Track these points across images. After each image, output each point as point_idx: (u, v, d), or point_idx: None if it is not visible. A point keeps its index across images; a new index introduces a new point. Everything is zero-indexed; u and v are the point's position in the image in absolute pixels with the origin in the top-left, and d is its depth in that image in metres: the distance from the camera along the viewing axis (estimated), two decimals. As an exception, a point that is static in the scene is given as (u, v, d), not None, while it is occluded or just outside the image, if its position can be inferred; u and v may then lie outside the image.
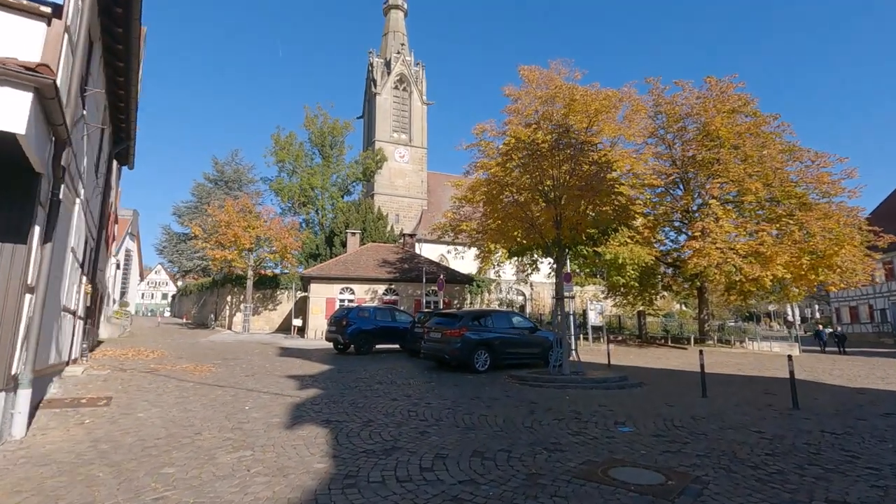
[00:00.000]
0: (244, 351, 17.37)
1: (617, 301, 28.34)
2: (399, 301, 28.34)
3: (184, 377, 9.93)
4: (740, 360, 18.10)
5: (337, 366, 12.95)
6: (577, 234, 11.53)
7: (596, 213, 11.29)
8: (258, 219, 30.04)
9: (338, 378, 10.47)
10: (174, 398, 7.61)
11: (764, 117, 21.08)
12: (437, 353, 12.36)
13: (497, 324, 12.98)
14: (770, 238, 19.33)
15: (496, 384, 10.17)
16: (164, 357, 14.45)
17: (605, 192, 10.88)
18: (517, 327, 13.27)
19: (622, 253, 19.56)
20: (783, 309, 70.46)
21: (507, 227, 12.21)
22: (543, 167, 11.37)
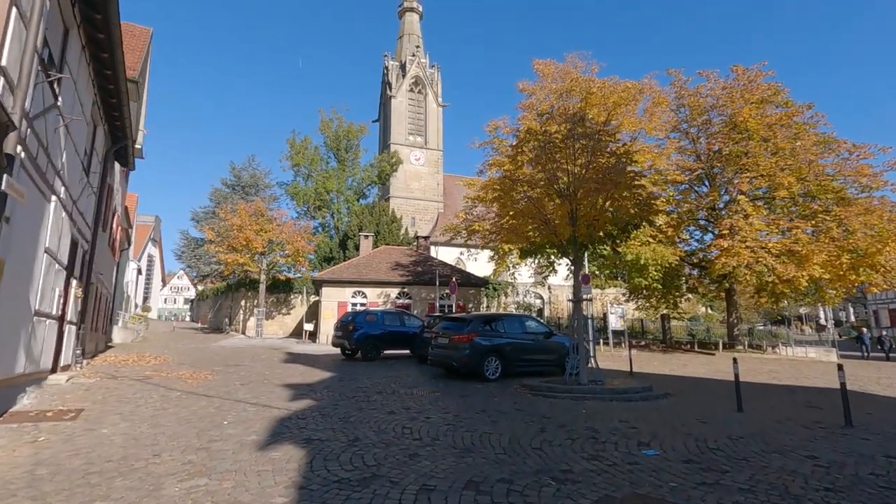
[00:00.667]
0: (251, 356, 16.88)
1: (639, 304, 27.12)
2: (412, 305, 27.65)
3: (173, 385, 9.37)
4: (774, 367, 16.84)
5: (340, 373, 12.29)
6: (595, 232, 10.62)
7: (615, 208, 10.39)
8: (270, 222, 29.76)
9: (336, 387, 9.79)
10: (151, 410, 7.01)
11: (796, 107, 19.74)
12: (445, 359, 11.59)
13: (509, 328, 12.15)
14: (805, 236, 18.01)
15: (506, 395, 9.35)
16: (165, 363, 14.01)
17: (625, 184, 9.98)
18: (531, 332, 12.41)
19: (644, 253, 18.49)
20: (815, 312, 67.57)
21: (519, 224, 11.38)
22: (557, 160, 10.53)
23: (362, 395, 8.87)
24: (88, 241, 11.22)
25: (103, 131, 11.55)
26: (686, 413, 7.82)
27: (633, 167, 10.89)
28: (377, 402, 8.13)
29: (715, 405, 8.79)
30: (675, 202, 21.50)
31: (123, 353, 17.10)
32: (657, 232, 19.59)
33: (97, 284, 13.80)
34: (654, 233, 19.48)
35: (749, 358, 19.54)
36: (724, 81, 20.50)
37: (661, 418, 7.28)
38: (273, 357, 16.61)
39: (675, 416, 7.45)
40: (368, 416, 6.94)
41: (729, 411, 8.08)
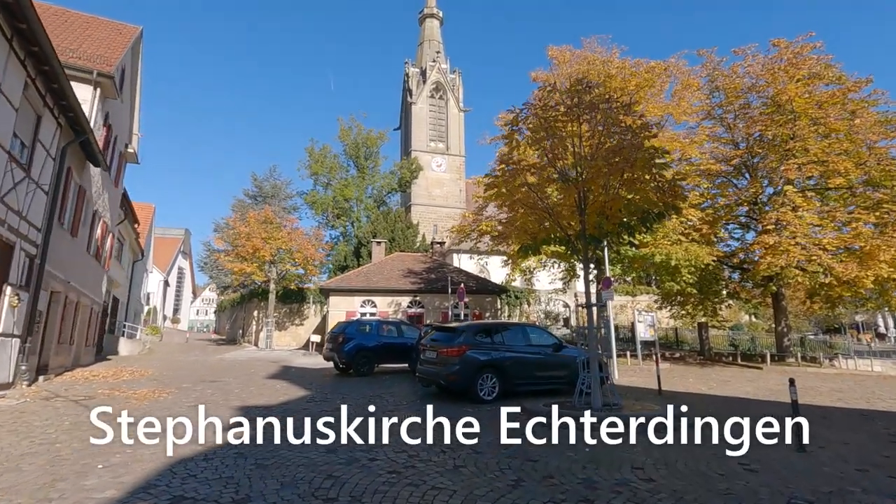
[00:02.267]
0: (239, 371, 15.64)
1: (673, 311, 24.66)
2: (425, 314, 26.06)
3: (113, 407, 8.00)
4: (836, 384, 14.30)
5: (319, 392, 10.76)
6: (608, 223, 8.76)
7: (630, 191, 8.51)
8: (279, 229, 28.84)
9: (300, 411, 8.25)
10: (36, 445, 5.63)
11: (851, 83, 17.18)
12: (433, 377, 9.88)
13: (509, 340, 10.35)
14: (867, 230, 15.43)
15: (496, 422, 7.56)
16: (137, 379, 12.90)
17: (642, 162, 8.10)
18: (536, 344, 10.55)
19: (675, 253, 16.29)
20: (873, 319, 61.99)
21: (519, 217, 9.63)
22: (559, 136, 8.76)
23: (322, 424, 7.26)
24: (36, 245, 10.10)
25: (56, 123, 10.49)
26: (727, 454, 5.84)
27: (653, 140, 8.96)
28: (328, 436, 6.49)
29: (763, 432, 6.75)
30: (711, 196, 19.14)
31: (110, 366, 16.17)
32: (690, 229, 17.36)
33: (65, 293, 12.78)
34: (686, 229, 17.26)
35: (804, 373, 16.93)
36: (764, 58, 18.15)
37: (691, 465, 5.36)
38: (262, 372, 15.28)
39: (712, 461, 5.51)
40: (296, 457, 5.34)
41: (786, 450, 6.05)
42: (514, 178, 9.91)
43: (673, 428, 7.19)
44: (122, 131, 17.55)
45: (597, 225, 8.86)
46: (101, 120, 14.64)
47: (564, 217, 9.37)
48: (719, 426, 5.81)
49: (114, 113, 15.90)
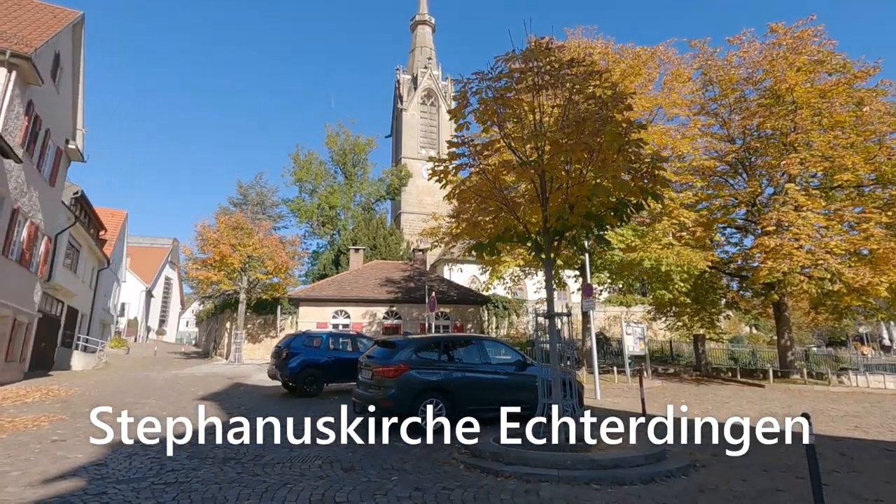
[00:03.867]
0: (181, 389, 13.99)
1: (668, 323, 22.96)
2: (402, 325, 24.34)
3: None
4: (848, 405, 12.56)
5: (244, 415, 9.03)
6: (573, 214, 7.13)
7: (600, 175, 6.91)
8: (251, 236, 27.20)
9: (189, 445, 6.55)
10: None
11: (857, 71, 15.67)
12: (368, 402, 8.16)
13: (463, 356, 8.70)
14: (879, 231, 13.81)
15: (427, 464, 5.90)
16: (47, 400, 11.35)
17: (612, 136, 6.50)
18: (495, 362, 8.86)
19: (666, 257, 14.65)
20: (877, 331, 60.11)
21: (468, 209, 8.01)
22: (514, 109, 7.20)
23: (194, 463, 5.60)
24: None
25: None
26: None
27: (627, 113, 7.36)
28: (190, 483, 4.82)
29: (775, 487, 5.10)
30: (705, 196, 17.54)
31: (32, 385, 14.45)
32: (682, 231, 15.76)
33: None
34: (678, 231, 15.66)
35: (811, 392, 15.18)
36: (761, 44, 16.67)
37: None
38: (203, 391, 13.58)
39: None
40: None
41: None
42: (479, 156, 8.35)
43: (648, 475, 5.50)
44: (58, 125, 16.00)
45: (560, 216, 7.23)
46: (22, 108, 13.09)
47: (523, 208, 7.75)
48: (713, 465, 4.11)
49: (43, 103, 14.36)
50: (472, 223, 7.98)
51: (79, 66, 17.08)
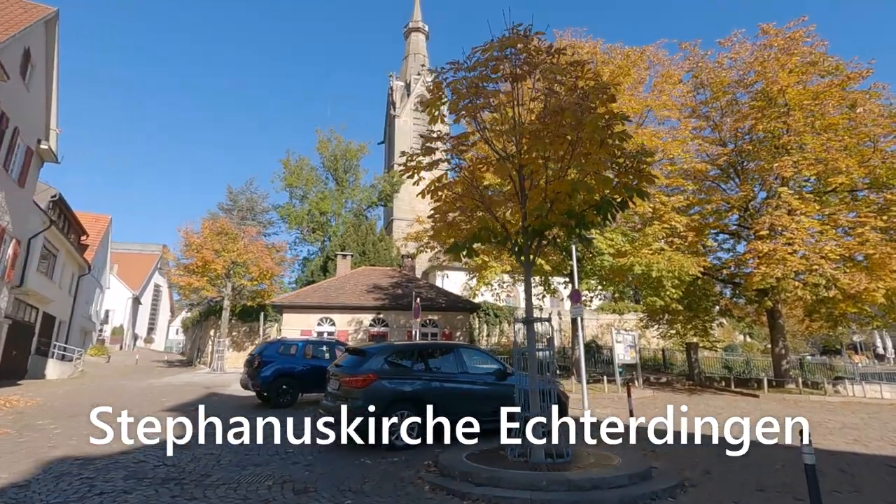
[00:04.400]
0: (153, 398, 13.37)
1: (661, 331, 22.50)
2: (389, 333, 23.72)
3: None
4: (846, 416, 12.08)
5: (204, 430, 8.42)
6: (553, 212, 6.66)
7: (579, 169, 6.45)
8: (235, 241, 26.58)
9: (133, 465, 5.97)
10: None
11: (849, 73, 15.37)
12: (335, 414, 7.58)
13: (438, 365, 8.15)
14: (874, 236, 13.43)
15: (389, 484, 5.34)
16: (8, 410, 10.77)
17: (593, 127, 6.03)
18: (474, 372, 8.32)
19: (657, 262, 14.20)
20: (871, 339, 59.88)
21: (442, 207, 7.50)
22: (489, 100, 6.75)
23: (128, 485, 5.01)
24: None
25: None
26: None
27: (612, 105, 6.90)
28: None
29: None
30: (697, 201, 17.14)
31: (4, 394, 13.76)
32: (673, 236, 15.34)
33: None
34: (669, 236, 15.24)
35: (807, 402, 14.70)
36: (752, 45, 16.39)
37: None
38: (175, 400, 12.97)
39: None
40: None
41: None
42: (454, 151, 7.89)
43: (630, 498, 4.97)
44: (28, 124, 15.42)
45: (539, 214, 6.74)
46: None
47: (500, 205, 7.27)
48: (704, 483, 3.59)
49: (10, 100, 13.80)
50: (447, 223, 7.48)
51: (52, 64, 16.53)
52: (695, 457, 7.23)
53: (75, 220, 26.76)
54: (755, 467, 6.70)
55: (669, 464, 6.59)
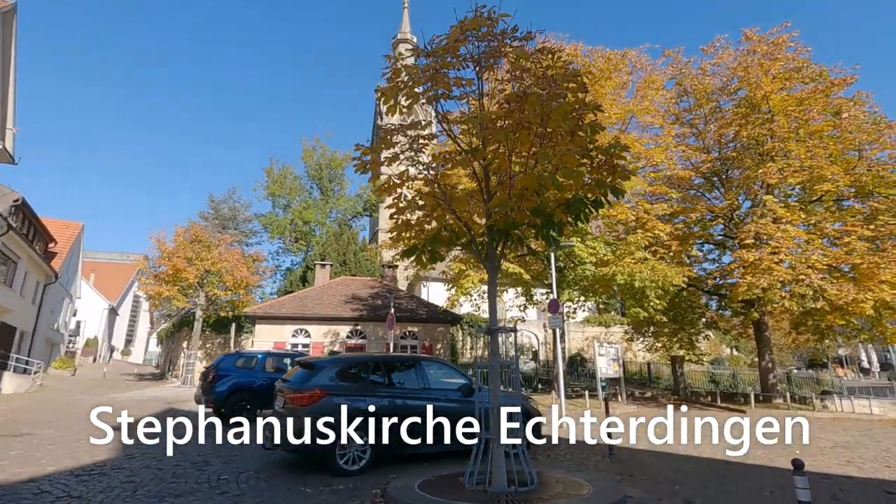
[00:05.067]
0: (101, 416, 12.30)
1: (646, 343, 21.94)
2: (368, 345, 22.85)
3: None
4: (837, 434, 11.50)
5: (123, 456, 7.60)
6: (518, 212, 6.04)
7: (547, 162, 5.83)
8: (210, 249, 25.65)
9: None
10: None
11: (833, 80, 15.12)
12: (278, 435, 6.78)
13: (397, 380, 7.42)
14: (862, 244, 13.02)
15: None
16: None
17: (561, 115, 5.44)
18: (437, 387, 7.59)
19: (640, 272, 13.65)
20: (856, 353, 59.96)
21: (400, 205, 6.83)
22: (449, 87, 6.17)
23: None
24: None
25: None
26: None
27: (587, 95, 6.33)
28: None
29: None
30: (681, 209, 16.69)
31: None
32: (657, 245, 14.83)
33: None
34: (652, 244, 14.73)
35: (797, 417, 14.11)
36: (735, 51, 16.12)
37: None
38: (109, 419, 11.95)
39: None
40: None
41: None
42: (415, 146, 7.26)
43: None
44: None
45: (504, 212, 6.11)
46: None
47: (463, 203, 6.62)
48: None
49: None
50: (406, 223, 6.81)
51: (9, 62, 15.73)
52: (676, 482, 6.56)
53: (42, 226, 25.68)
54: (743, 494, 6.05)
55: (647, 491, 5.92)
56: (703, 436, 10.27)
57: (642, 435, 10.29)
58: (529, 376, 21.69)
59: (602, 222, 15.89)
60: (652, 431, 10.77)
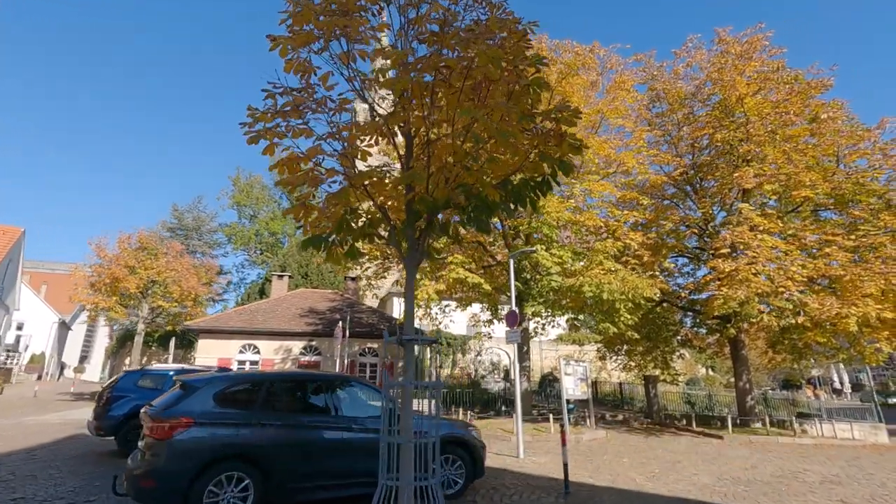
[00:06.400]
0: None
1: (619, 362, 20.78)
2: (322, 362, 21.15)
3: None
4: (823, 463, 10.34)
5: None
6: (439, 188, 4.75)
7: (482, 126, 4.56)
8: (157, 258, 23.76)
9: None
10: None
11: (809, 81, 14.45)
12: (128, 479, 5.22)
13: (299, 404, 5.95)
14: (843, 255, 12.13)
15: None
16: None
17: (489, 60, 4.20)
18: (352, 414, 6.12)
19: (608, 283, 12.48)
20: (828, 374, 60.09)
21: (295, 182, 5.45)
22: (357, 33, 4.90)
23: None
24: None
25: None
26: None
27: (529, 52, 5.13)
28: None
29: None
30: (653, 217, 15.70)
31: None
32: (628, 255, 13.75)
33: None
34: (622, 253, 13.64)
35: (776, 445, 13.00)
36: (708, 52, 15.42)
37: None
38: (16, 444, 10.16)
39: None
40: None
41: None
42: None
43: None
44: None
45: (422, 190, 4.82)
46: None
47: (378, 186, 5.31)
48: None
49: None
50: (303, 205, 5.41)
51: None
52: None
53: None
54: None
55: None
56: (676, 470, 8.98)
57: (606, 465, 8.96)
58: (494, 397, 20.23)
59: (570, 231, 14.81)
60: (618, 462, 9.44)
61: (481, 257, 16.73)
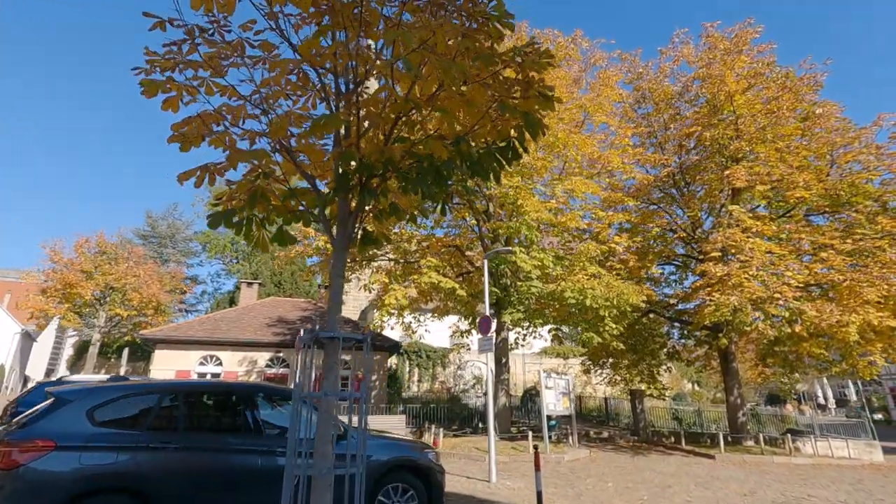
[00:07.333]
0: None
1: (604, 375, 19.79)
2: (290, 375, 19.77)
3: None
4: (826, 486, 9.38)
5: None
6: (386, 147, 3.74)
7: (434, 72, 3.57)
8: (117, 263, 22.30)
9: None
10: None
11: (800, 77, 13.86)
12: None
13: (206, 422, 4.82)
14: (840, 259, 11.36)
15: None
16: None
17: None
18: (274, 434, 4.98)
19: (592, 289, 11.54)
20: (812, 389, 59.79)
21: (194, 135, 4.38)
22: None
23: None
24: None
25: None
26: None
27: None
28: None
29: None
30: (639, 220, 14.88)
31: None
32: (608, 254, 12.87)
33: None
34: (604, 254, 12.75)
35: (771, 464, 12.03)
36: (695, 46, 14.84)
37: None
38: None
39: None
40: None
41: None
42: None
43: None
44: None
45: (349, 143, 3.82)
46: None
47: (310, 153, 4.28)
48: None
49: None
50: (205, 167, 4.33)
51: None
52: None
53: None
54: None
55: None
56: (666, 496, 7.92)
57: (589, 492, 7.86)
58: (472, 413, 19.03)
59: (553, 234, 13.93)
60: (602, 488, 8.37)
61: (458, 263, 15.75)
